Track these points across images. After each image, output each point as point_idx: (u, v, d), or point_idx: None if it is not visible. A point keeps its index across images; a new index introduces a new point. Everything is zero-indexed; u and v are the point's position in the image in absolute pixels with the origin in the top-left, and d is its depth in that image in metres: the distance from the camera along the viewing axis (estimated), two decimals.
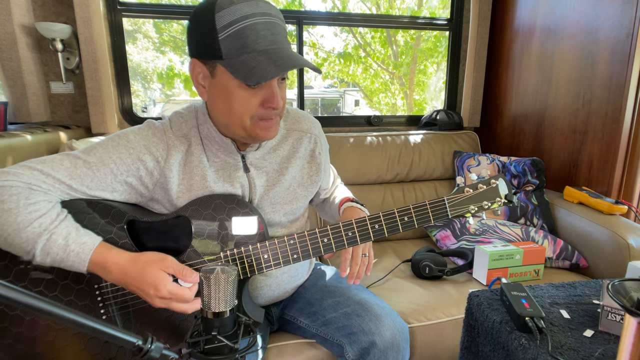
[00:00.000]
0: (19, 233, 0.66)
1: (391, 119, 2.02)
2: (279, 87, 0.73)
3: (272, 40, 0.68)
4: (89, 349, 0.73)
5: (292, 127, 0.90)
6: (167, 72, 6.20)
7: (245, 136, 0.75)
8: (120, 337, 0.45)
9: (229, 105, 0.72)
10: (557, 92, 1.59)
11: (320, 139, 0.93)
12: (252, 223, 0.79)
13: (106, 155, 0.74)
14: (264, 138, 0.76)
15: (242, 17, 0.66)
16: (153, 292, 0.67)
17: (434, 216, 0.79)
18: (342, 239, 0.78)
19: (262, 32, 0.67)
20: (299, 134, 0.90)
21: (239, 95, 0.70)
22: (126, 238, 0.75)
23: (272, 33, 0.68)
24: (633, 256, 1.16)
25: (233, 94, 0.71)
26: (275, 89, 0.71)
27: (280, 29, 0.70)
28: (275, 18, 0.69)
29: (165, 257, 0.70)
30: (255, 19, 0.66)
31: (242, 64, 0.67)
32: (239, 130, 0.74)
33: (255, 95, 0.71)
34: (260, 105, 0.71)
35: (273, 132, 0.76)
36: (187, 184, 0.79)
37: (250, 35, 0.66)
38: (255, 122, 0.73)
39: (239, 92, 0.70)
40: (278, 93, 0.71)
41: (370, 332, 0.82)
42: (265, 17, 0.67)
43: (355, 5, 6.12)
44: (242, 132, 0.74)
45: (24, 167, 0.70)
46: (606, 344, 0.66)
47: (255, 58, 0.66)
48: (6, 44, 1.44)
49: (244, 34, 0.66)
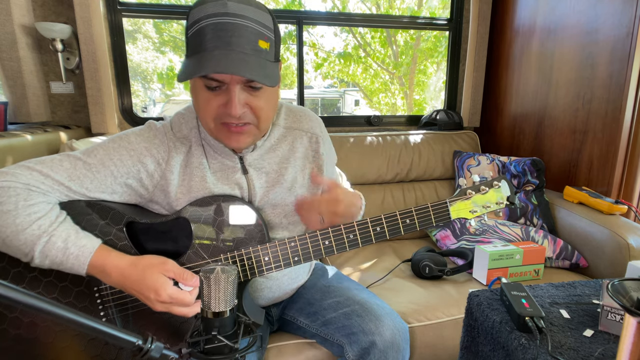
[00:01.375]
0: (17, 235, 0.65)
1: (391, 119, 2.02)
2: (249, 93, 0.69)
3: (227, 42, 0.64)
4: (88, 350, 0.73)
5: (292, 125, 0.87)
6: (167, 73, 6.20)
7: (216, 139, 0.76)
8: (120, 336, 0.45)
9: (197, 105, 0.73)
10: (557, 92, 1.59)
11: (323, 138, 0.90)
12: (249, 213, 0.78)
13: (106, 157, 0.74)
14: (231, 146, 0.75)
15: (204, 16, 0.65)
16: (153, 296, 0.67)
17: (435, 218, 0.79)
18: (344, 241, 0.78)
19: (218, 33, 0.64)
20: (299, 133, 0.87)
21: (202, 96, 0.70)
22: (125, 239, 0.75)
23: (232, 35, 0.64)
24: (633, 256, 1.16)
25: (198, 93, 0.71)
26: (233, 93, 0.67)
27: (247, 32, 0.65)
28: (243, 19, 0.65)
29: (165, 261, 0.70)
30: (216, 19, 0.64)
31: (187, 63, 0.67)
32: (210, 132, 0.74)
33: (215, 97, 0.69)
34: (220, 107, 0.69)
35: (240, 143, 0.73)
36: (187, 186, 0.78)
37: (207, 35, 0.65)
38: (219, 126, 0.71)
39: (202, 92, 0.70)
40: (236, 99, 0.67)
41: (370, 332, 0.81)
42: (227, 18, 0.64)
43: (355, 5, 6.12)
44: (212, 134, 0.74)
45: (23, 167, 0.69)
46: (606, 344, 0.66)
47: (198, 57, 0.65)
48: (6, 44, 1.44)
49: (201, 33, 0.65)
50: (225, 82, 0.67)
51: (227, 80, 0.67)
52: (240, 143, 0.73)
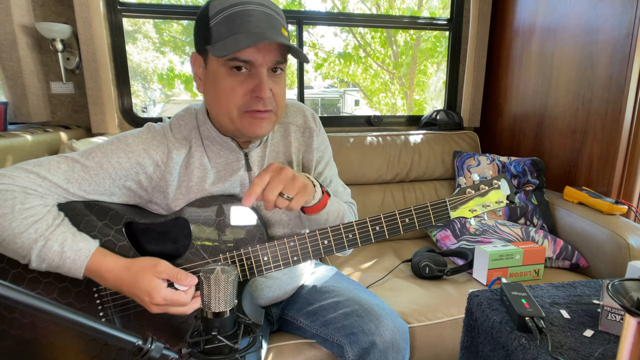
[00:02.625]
0: (14, 239, 0.65)
1: (391, 119, 2.02)
2: (272, 79, 0.71)
3: (258, 25, 0.66)
4: (88, 351, 0.73)
5: (286, 119, 0.88)
6: (167, 74, 6.19)
7: (234, 130, 0.74)
8: (120, 337, 0.45)
9: (217, 94, 0.71)
10: (557, 92, 1.59)
11: (317, 132, 0.90)
12: (248, 213, 0.78)
13: (105, 159, 0.73)
14: (252, 134, 0.73)
15: (231, 4, 0.66)
16: (148, 299, 0.66)
17: (435, 217, 0.79)
18: (343, 240, 0.78)
19: (249, 18, 0.66)
20: (293, 128, 0.88)
21: (226, 83, 0.69)
22: (124, 240, 0.74)
23: (261, 19, 0.66)
24: (633, 256, 1.16)
25: (220, 82, 0.70)
26: (263, 76, 0.68)
27: (272, 19, 0.68)
28: (269, 9, 0.68)
29: (157, 263, 0.69)
30: (245, 6, 0.66)
31: (223, 44, 0.66)
32: (228, 123, 0.73)
33: (241, 83, 0.69)
34: (247, 94, 0.70)
35: (262, 129, 0.73)
36: (186, 187, 0.78)
37: (236, 20, 0.66)
38: (242, 114, 0.71)
39: (226, 79, 0.69)
40: (265, 82, 0.68)
41: (370, 332, 0.81)
42: (255, 6, 0.67)
43: (355, 5, 6.12)
44: (231, 124, 0.73)
45: (21, 169, 0.68)
46: (606, 344, 0.66)
47: (236, 37, 0.65)
48: (6, 44, 1.44)
49: (230, 19, 0.66)
50: (254, 65, 0.68)
51: (259, 62, 0.68)
52: (263, 129, 0.73)
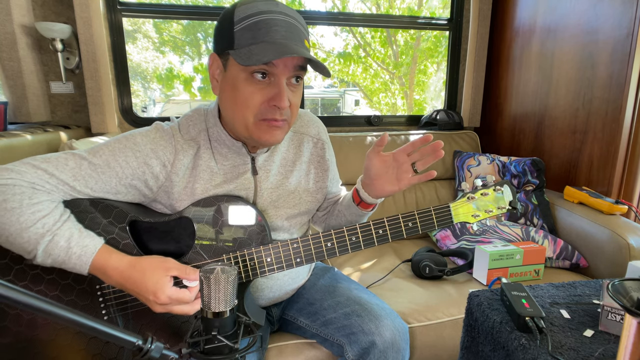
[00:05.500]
0: (21, 233, 0.65)
1: (391, 118, 2.02)
2: (290, 89, 0.71)
3: (283, 36, 0.66)
4: (89, 349, 0.73)
5: (300, 130, 0.90)
6: (166, 74, 6.19)
7: (248, 137, 0.74)
8: (120, 336, 0.45)
9: (234, 99, 0.71)
10: (557, 92, 1.59)
11: (328, 144, 0.93)
12: (250, 213, 0.78)
13: (112, 157, 0.73)
14: (266, 142, 0.74)
15: (258, 12, 0.67)
16: (152, 298, 0.67)
17: (438, 222, 0.79)
18: (346, 243, 0.78)
19: (275, 27, 0.66)
20: (307, 138, 0.90)
21: (245, 89, 0.69)
22: (128, 238, 0.75)
23: (286, 30, 0.67)
24: (633, 256, 1.16)
25: (239, 87, 0.70)
26: (283, 86, 0.69)
27: (296, 30, 0.69)
28: (293, 19, 0.69)
29: (166, 260, 0.70)
30: (271, 15, 0.67)
31: (247, 51, 0.66)
32: (242, 129, 0.73)
33: (261, 91, 0.69)
34: (265, 102, 0.70)
35: (276, 137, 0.73)
36: (192, 188, 0.78)
37: (263, 28, 0.66)
38: (258, 122, 0.71)
39: (246, 85, 0.69)
40: (285, 92, 0.69)
41: (370, 332, 0.81)
42: (281, 16, 0.67)
43: (355, 5, 6.12)
44: (245, 131, 0.73)
45: (28, 165, 0.69)
46: (606, 344, 0.66)
47: (261, 46, 0.66)
48: (6, 44, 1.44)
49: (256, 27, 0.66)
50: (275, 74, 0.68)
51: (278, 71, 0.68)
52: (277, 137, 0.74)
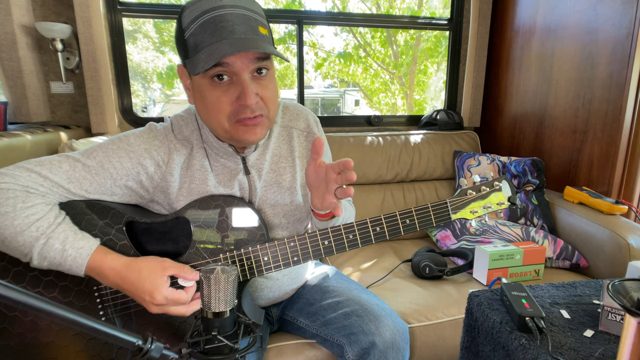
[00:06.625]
0: (15, 237, 0.65)
1: (391, 118, 2.02)
2: (257, 82, 0.69)
3: (231, 31, 0.64)
4: (88, 350, 0.73)
5: (289, 124, 0.87)
6: (167, 72, 6.19)
7: (229, 138, 0.73)
8: (119, 337, 0.45)
9: (205, 106, 0.70)
10: (557, 92, 1.59)
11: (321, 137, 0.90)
12: (249, 214, 0.78)
13: (106, 159, 0.73)
14: (248, 141, 0.73)
15: (202, 12, 0.65)
16: (148, 298, 0.67)
17: (436, 219, 0.79)
18: (343, 241, 0.78)
19: (222, 24, 0.64)
20: (297, 132, 0.88)
21: (210, 95, 0.68)
22: (125, 239, 0.75)
23: (234, 23, 0.64)
24: (633, 256, 1.16)
25: (205, 94, 0.69)
26: (245, 83, 0.67)
27: (247, 19, 0.66)
28: (241, 9, 0.66)
29: (163, 260, 0.70)
30: (217, 12, 0.64)
31: (195, 58, 0.65)
32: (221, 133, 0.72)
33: (225, 93, 0.68)
34: (233, 103, 0.69)
35: (256, 135, 0.72)
36: (188, 188, 0.78)
37: (209, 29, 0.64)
38: (234, 125, 0.70)
39: (210, 91, 0.68)
40: (249, 88, 0.67)
41: (370, 332, 0.81)
42: (228, 9, 0.65)
43: (355, 5, 6.11)
44: (224, 134, 0.72)
45: (22, 168, 0.69)
46: (606, 344, 0.66)
47: (207, 50, 0.64)
48: (6, 44, 1.44)
49: (202, 29, 0.65)
50: (235, 73, 0.67)
51: (237, 69, 0.66)
52: (257, 135, 0.72)
